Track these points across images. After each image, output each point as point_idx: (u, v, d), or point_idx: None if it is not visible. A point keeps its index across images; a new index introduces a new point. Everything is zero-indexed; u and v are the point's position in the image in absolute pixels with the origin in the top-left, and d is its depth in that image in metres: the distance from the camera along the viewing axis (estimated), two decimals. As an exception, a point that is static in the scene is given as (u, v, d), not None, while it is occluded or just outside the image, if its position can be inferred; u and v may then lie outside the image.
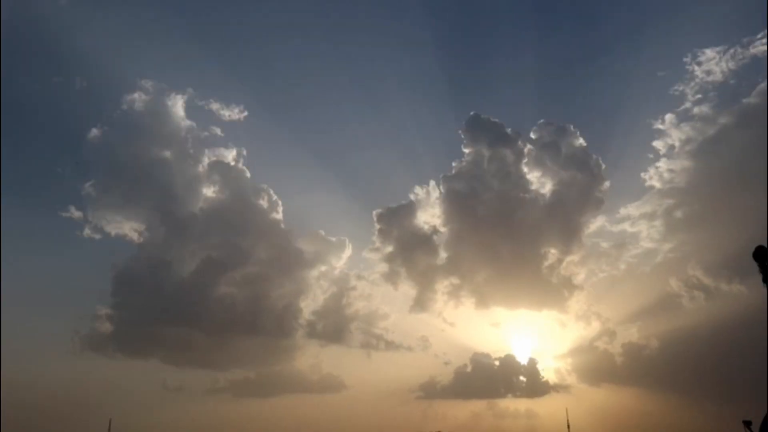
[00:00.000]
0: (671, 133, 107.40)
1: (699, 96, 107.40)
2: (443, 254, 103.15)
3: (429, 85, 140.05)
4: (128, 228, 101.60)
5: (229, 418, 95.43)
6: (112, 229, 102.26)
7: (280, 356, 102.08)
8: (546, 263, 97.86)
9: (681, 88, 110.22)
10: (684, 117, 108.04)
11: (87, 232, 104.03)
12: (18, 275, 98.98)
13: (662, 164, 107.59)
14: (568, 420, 62.59)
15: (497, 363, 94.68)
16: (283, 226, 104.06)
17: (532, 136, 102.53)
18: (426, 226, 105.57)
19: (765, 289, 34.26)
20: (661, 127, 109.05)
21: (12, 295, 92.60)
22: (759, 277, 33.88)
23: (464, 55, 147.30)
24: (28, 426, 79.16)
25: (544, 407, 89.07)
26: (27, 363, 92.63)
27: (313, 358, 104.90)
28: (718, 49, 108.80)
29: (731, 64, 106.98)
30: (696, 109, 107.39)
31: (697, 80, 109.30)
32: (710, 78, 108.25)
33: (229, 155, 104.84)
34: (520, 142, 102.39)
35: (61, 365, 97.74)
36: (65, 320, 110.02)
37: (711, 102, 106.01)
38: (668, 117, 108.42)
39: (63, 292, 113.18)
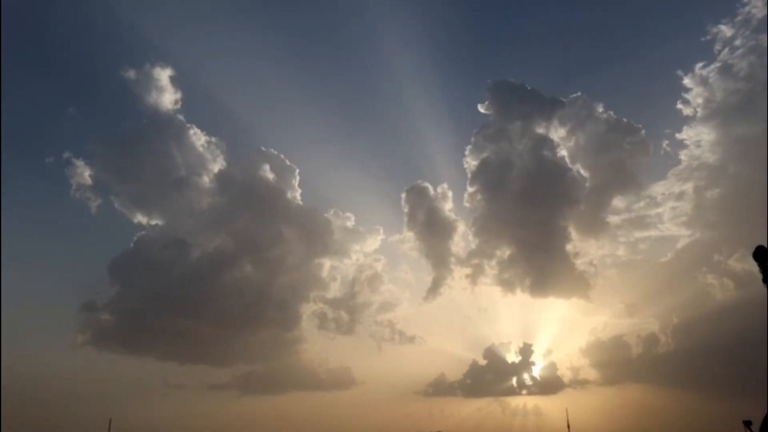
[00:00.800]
0: (700, 93, 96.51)
1: (737, 42, 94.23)
2: (469, 240, 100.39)
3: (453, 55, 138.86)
4: (129, 216, 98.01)
5: (236, 416, 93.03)
6: (110, 218, 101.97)
7: (287, 350, 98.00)
8: (574, 250, 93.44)
9: (716, 32, 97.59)
10: (715, 73, 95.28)
11: (87, 220, 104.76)
12: (17, 269, 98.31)
13: (689, 134, 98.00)
14: (568, 421, 62.11)
15: (512, 358, 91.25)
16: (300, 203, 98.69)
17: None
18: (450, 210, 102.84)
19: (765, 289, 34.25)
20: (689, 83, 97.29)
21: (12, 290, 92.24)
22: None
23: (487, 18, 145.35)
24: (29, 422, 78.77)
25: (560, 404, 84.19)
26: (27, 358, 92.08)
27: (323, 352, 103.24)
28: None
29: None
30: (729, 63, 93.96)
31: (736, 20, 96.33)
32: (750, 25, 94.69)
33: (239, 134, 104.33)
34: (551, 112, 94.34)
35: (61, 361, 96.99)
36: (65, 315, 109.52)
37: (749, 54, 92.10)
38: (698, 71, 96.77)
39: (62, 286, 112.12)
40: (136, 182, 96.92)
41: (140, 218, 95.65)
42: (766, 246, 33.62)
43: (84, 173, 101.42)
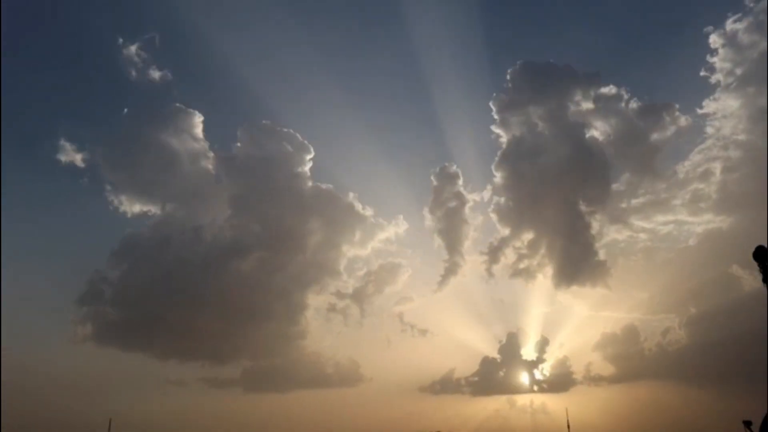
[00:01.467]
0: (727, 56, 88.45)
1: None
2: (491, 228, 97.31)
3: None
4: (128, 204, 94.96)
5: (239, 413, 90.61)
6: (107, 208, 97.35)
7: (293, 345, 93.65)
8: (597, 237, 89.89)
9: None
10: (743, 31, 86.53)
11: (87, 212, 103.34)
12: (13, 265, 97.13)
13: (715, 107, 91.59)
14: (568, 421, 61.78)
15: (526, 353, 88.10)
16: (311, 184, 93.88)
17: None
18: (472, 198, 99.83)
19: (765, 289, 34.40)
20: (715, 42, 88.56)
21: (11, 286, 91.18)
22: None
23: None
24: (29, 418, 77.89)
25: (572, 402, 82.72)
26: (26, 354, 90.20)
27: (330, 347, 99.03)
28: None
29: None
30: (761, 18, 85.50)
31: None
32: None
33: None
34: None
35: (60, 357, 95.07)
36: (63, 310, 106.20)
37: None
38: (729, 27, 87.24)
39: (59, 280, 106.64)
40: (133, 168, 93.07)
41: (139, 207, 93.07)
42: (766, 246, 33.77)
43: (77, 158, 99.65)
